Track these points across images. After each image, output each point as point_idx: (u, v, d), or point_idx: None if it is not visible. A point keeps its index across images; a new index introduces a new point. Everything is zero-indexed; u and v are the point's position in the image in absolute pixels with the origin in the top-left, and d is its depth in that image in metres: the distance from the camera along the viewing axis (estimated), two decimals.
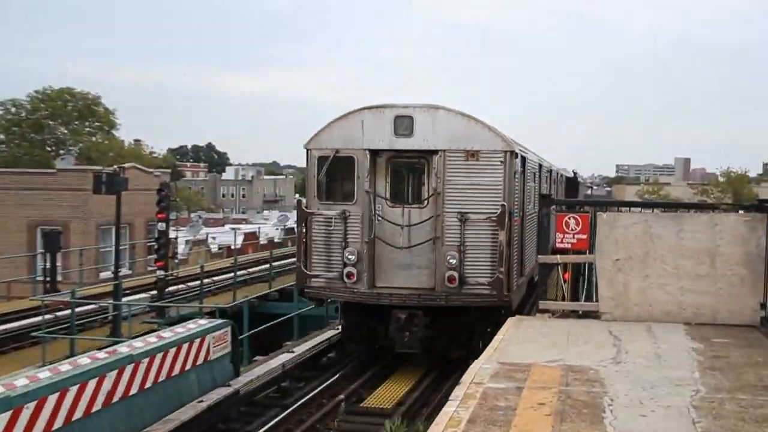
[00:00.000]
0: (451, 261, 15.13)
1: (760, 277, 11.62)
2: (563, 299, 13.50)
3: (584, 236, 12.32)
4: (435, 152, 15.48)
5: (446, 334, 15.93)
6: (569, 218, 12.31)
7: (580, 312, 12.47)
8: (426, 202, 15.57)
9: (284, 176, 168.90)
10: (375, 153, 15.85)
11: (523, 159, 16.81)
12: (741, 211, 12.55)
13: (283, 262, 38.04)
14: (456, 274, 15.06)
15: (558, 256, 12.69)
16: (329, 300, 17.76)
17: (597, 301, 12.23)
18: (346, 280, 15.79)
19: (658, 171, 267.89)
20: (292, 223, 62.86)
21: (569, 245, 12.37)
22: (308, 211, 16.02)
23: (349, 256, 15.71)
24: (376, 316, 16.22)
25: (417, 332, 15.57)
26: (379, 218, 15.84)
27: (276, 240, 49.18)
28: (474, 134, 15.26)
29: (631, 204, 14.10)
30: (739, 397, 7.95)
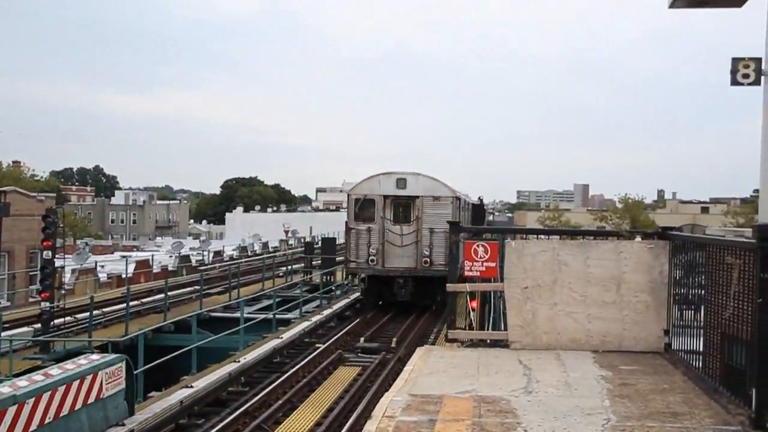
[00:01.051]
0: (425, 252, 29.88)
1: (663, 303, 12.03)
2: (471, 328, 13.65)
3: (493, 264, 12.51)
4: (417, 197, 30.46)
5: (422, 291, 30.40)
6: (478, 246, 12.49)
7: (489, 341, 12.63)
8: (412, 223, 30.33)
9: (178, 201, 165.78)
10: (386, 197, 30.80)
11: (458, 199, 32.08)
12: (638, 238, 13.01)
13: (179, 291, 36.97)
14: (428, 260, 29.81)
15: (467, 284, 12.84)
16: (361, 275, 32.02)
17: (506, 329, 12.42)
18: (370, 263, 30.36)
19: (558, 197, 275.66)
20: (187, 250, 61.10)
21: (478, 273, 12.54)
22: (350, 227, 31.08)
23: (372, 251, 30.35)
24: (385, 282, 30.87)
25: (408, 289, 30.28)
26: (387, 231, 30.66)
27: (171, 268, 47.97)
28: (437, 187, 30.41)
29: (537, 231, 14.44)
30: (648, 425, 8.19)
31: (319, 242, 50.30)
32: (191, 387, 16.84)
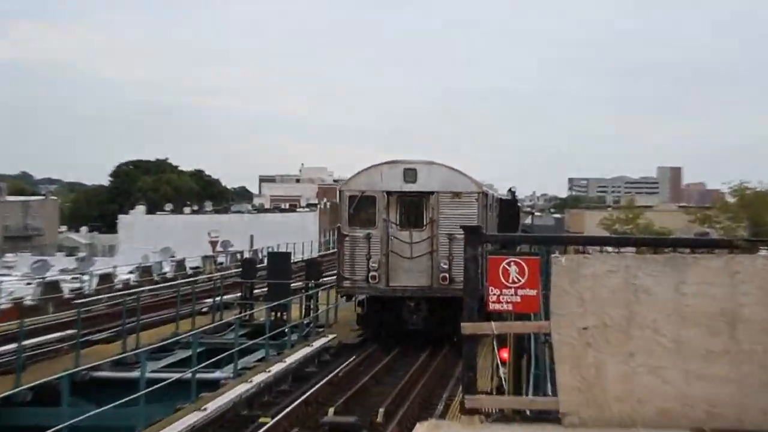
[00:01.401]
0: (443, 266, 23.89)
1: None
2: (501, 392, 9.22)
3: (533, 292, 8.19)
4: (431, 194, 24.38)
5: (439, 317, 24.01)
6: (509, 264, 8.17)
7: (529, 412, 8.28)
8: (425, 227, 24.32)
9: (42, 196, 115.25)
10: (390, 193, 24.94)
11: (486, 195, 25.77)
12: (765, 251, 8.63)
13: (43, 338, 25.64)
14: (447, 276, 23.87)
15: (492, 323, 8.47)
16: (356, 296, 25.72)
17: (555, 394, 8.02)
18: (370, 281, 24.35)
19: (634, 187, 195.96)
20: (56, 273, 42.48)
21: (509, 306, 8.21)
22: (344, 233, 25.13)
23: (373, 264, 24.13)
24: (390, 306, 24.68)
25: (421, 315, 23.98)
26: (393, 238, 24.59)
27: (29, 301, 33.37)
28: (458, 180, 24.25)
29: (601, 241, 9.98)
30: None
31: (265, 259, 38.18)
32: None
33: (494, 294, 8.08)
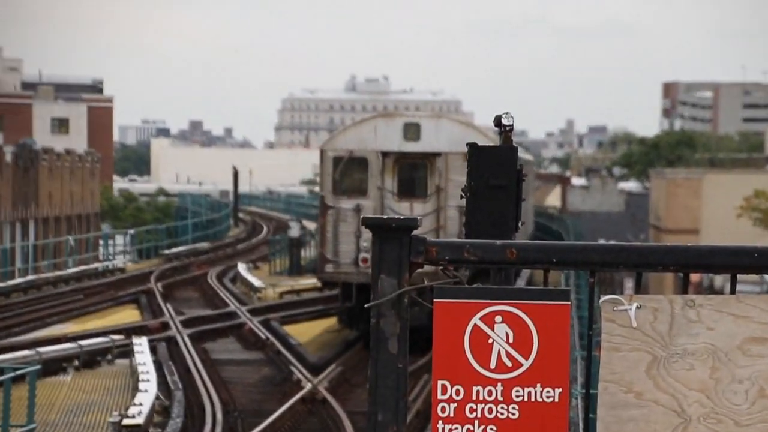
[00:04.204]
0: None
1: None
2: None
3: (553, 393, 3.18)
4: (438, 155, 21.00)
5: None
6: (491, 318, 3.17)
7: None
8: (429, 197, 20.99)
9: None
10: (385, 154, 21.62)
11: None
12: None
13: None
14: None
15: None
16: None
17: None
18: (360, 264, 20.59)
19: None
20: None
21: None
22: (327, 204, 21.61)
23: (363, 243, 20.43)
24: None
25: (425, 307, 15.32)
26: (389, 210, 21.05)
27: None
28: (471, 138, 17.24)
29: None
30: None
31: None
32: None
33: (446, 406, 3.15)
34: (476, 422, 3.19)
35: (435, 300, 3.25)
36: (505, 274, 3.58)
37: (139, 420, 14.91)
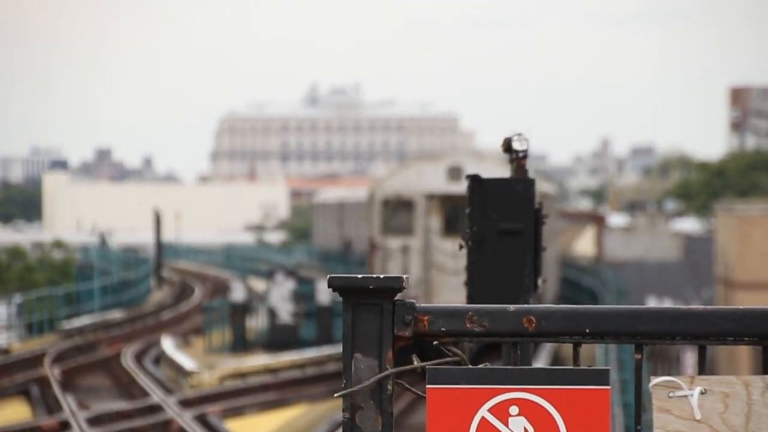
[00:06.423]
0: None
1: None
2: None
3: None
4: None
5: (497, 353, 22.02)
6: (502, 409, 3.21)
7: None
8: None
9: None
10: (430, 197, 29.58)
11: (554, 198, 30.30)
12: None
13: None
14: None
15: None
16: None
17: None
18: None
19: None
20: None
21: None
22: (375, 243, 29.52)
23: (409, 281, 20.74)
24: None
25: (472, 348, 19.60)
26: (434, 250, 28.67)
27: None
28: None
29: None
30: None
31: None
32: None
33: None
34: None
35: (428, 386, 3.27)
36: (521, 349, 3.59)
37: None
